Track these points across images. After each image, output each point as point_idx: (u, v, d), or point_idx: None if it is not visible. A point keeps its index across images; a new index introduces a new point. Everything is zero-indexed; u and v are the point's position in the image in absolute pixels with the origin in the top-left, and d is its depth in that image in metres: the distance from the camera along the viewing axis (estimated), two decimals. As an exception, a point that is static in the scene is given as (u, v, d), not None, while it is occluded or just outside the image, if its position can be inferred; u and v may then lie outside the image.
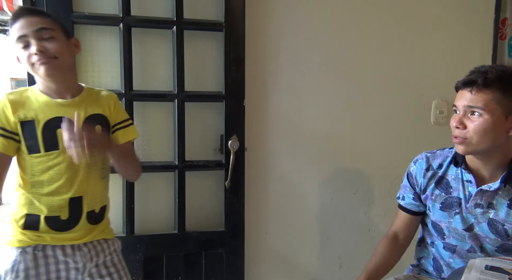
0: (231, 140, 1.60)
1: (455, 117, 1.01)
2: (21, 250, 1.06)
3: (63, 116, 1.04)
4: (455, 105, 1.02)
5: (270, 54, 1.69)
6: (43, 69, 1.02)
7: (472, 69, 1.01)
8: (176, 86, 1.55)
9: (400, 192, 1.23)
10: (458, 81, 1.01)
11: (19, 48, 1.02)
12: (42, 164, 1.05)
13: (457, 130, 1.00)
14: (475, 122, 0.97)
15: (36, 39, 1.01)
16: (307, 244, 1.82)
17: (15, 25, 1.01)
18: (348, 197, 1.82)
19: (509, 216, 1.03)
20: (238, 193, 1.64)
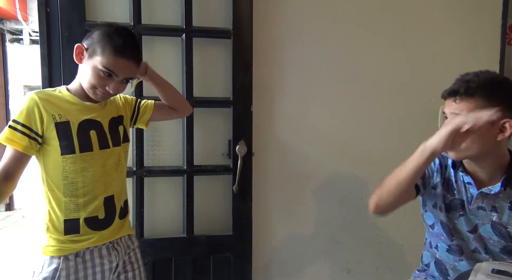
0: (239, 144, 1.62)
1: None
2: (63, 258, 1.08)
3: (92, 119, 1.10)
4: (444, 112, 1.05)
5: (277, 60, 1.72)
6: (100, 98, 1.11)
7: (457, 77, 1.02)
8: (185, 92, 1.58)
9: None
10: (444, 90, 1.04)
11: (100, 70, 1.04)
12: (76, 164, 1.07)
13: None
14: None
15: (120, 82, 1.08)
16: (315, 248, 1.82)
17: (116, 60, 1.03)
18: (355, 202, 1.83)
19: (511, 218, 1.03)
20: (246, 197, 1.65)
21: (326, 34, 1.73)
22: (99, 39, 1.05)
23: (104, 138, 1.13)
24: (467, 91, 0.97)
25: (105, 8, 1.52)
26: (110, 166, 1.14)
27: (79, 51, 1.08)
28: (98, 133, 1.11)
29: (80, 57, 1.08)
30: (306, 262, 1.82)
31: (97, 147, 1.10)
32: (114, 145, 1.15)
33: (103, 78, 1.05)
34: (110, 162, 1.14)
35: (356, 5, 1.74)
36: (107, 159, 1.13)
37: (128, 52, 1.06)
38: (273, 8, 1.68)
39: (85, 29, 1.47)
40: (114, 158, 1.15)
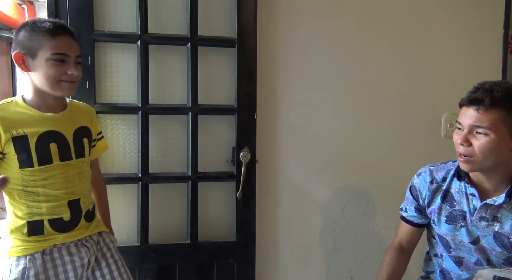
0: (243, 151, 1.64)
1: (460, 133, 1.02)
2: (30, 257, 1.08)
3: (53, 131, 1.10)
4: (459, 122, 1.03)
5: (281, 68, 1.74)
6: (68, 90, 1.10)
7: (475, 86, 1.01)
8: (190, 100, 1.60)
9: (403, 204, 1.25)
10: (463, 98, 1.02)
11: (51, 59, 1.04)
12: (35, 176, 1.07)
13: (461, 147, 1.01)
14: (481, 141, 0.97)
15: (75, 63, 1.09)
16: (318, 255, 1.82)
17: (57, 40, 1.05)
18: (359, 209, 1.83)
19: None
20: (249, 204, 1.67)
21: (330, 42, 1.76)
22: (29, 37, 1.05)
23: (66, 150, 1.12)
24: (493, 101, 0.95)
25: (113, 18, 1.56)
26: (73, 175, 1.14)
27: (19, 59, 1.06)
28: (59, 145, 1.10)
29: (24, 65, 1.07)
30: (309, 269, 1.82)
31: (58, 159, 1.10)
32: (78, 156, 1.16)
33: (59, 66, 1.06)
34: (72, 172, 1.14)
35: (360, 13, 1.76)
36: (69, 170, 1.13)
37: (62, 29, 1.07)
38: (277, 16, 1.71)
39: (93, 38, 1.51)
40: (77, 169, 1.16)
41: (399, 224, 1.26)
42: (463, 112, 1.02)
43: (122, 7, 1.56)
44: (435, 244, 1.20)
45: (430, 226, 1.20)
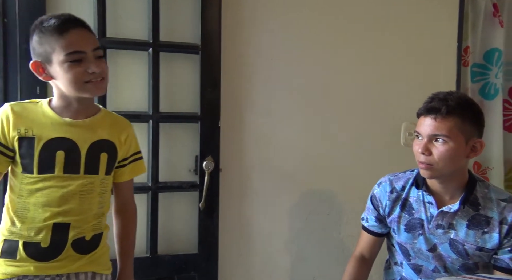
0: (206, 160, 1.60)
1: (419, 143, 1.05)
2: None
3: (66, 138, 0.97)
4: (418, 132, 1.06)
5: (246, 75, 1.72)
6: (96, 89, 0.97)
7: (430, 96, 1.06)
8: (151, 107, 1.55)
9: (364, 214, 1.27)
10: (420, 108, 1.06)
11: (66, 62, 0.91)
12: (31, 185, 0.96)
13: (422, 156, 1.04)
14: (440, 149, 1.01)
15: (94, 58, 0.95)
16: (282, 265, 1.81)
17: (66, 37, 0.91)
18: (322, 218, 1.84)
19: (468, 236, 1.07)
20: (213, 215, 1.62)
21: (294, 50, 1.76)
22: (39, 41, 0.93)
23: (74, 162, 0.99)
24: (448, 110, 0.99)
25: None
26: (73, 193, 0.99)
27: (38, 68, 0.96)
28: (67, 155, 0.98)
29: (45, 73, 0.96)
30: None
31: (61, 170, 0.97)
32: (88, 172, 1.01)
33: (77, 66, 0.92)
34: (73, 189, 0.98)
35: (324, 23, 1.78)
36: (70, 185, 0.98)
37: (69, 22, 0.93)
38: (242, 23, 1.69)
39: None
40: (82, 186, 1.00)
41: (361, 233, 1.27)
42: (421, 122, 1.05)
43: (78, 9, 1.48)
44: (395, 252, 1.22)
45: (390, 234, 1.22)
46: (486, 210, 1.06)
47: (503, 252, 1.05)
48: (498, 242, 1.05)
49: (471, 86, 1.99)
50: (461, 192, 1.08)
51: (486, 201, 1.07)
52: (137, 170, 1.16)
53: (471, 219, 1.07)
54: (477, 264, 1.09)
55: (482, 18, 1.96)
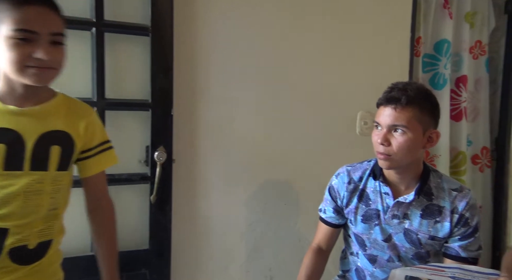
0: (158, 151, 1.50)
1: (379, 133, 1.04)
2: None
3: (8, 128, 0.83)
4: (377, 122, 1.05)
5: (201, 61, 1.64)
6: (38, 78, 0.84)
7: (390, 86, 1.05)
8: (96, 93, 1.42)
9: (322, 205, 1.26)
10: (380, 98, 1.05)
11: (11, 38, 0.79)
12: None
13: (381, 147, 1.03)
14: (399, 139, 1.01)
15: (47, 43, 0.82)
16: (237, 258, 1.77)
17: (23, 10, 0.79)
18: (279, 208, 1.82)
19: (422, 226, 1.09)
20: (165, 208, 1.54)
21: (253, 37, 1.70)
22: None
23: (17, 157, 0.86)
24: (408, 100, 0.99)
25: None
26: (14, 194, 0.86)
27: None
28: (9, 149, 0.85)
29: None
30: (229, 273, 1.76)
31: (1, 166, 0.84)
32: (34, 168, 0.88)
33: (23, 46, 0.80)
34: (15, 189, 0.86)
35: (283, 12, 1.73)
36: (12, 185, 0.86)
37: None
38: (197, 5, 1.59)
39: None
40: (27, 186, 0.87)
41: (318, 225, 1.26)
42: (381, 112, 1.04)
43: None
44: (351, 242, 1.22)
45: (347, 225, 1.22)
46: (439, 199, 1.09)
47: (453, 241, 1.09)
48: (449, 230, 1.07)
49: (422, 76, 2.04)
50: (416, 182, 1.09)
51: (439, 190, 1.09)
52: (107, 161, 1.06)
53: (424, 208, 1.09)
54: (429, 252, 1.12)
55: (433, 9, 2.00)
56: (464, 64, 2.08)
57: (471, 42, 2.09)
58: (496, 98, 2.18)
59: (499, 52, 2.16)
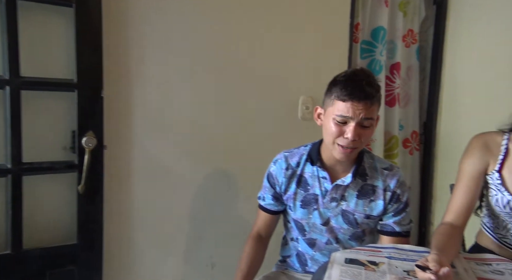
0: (86, 136, 1.37)
1: (349, 127, 1.00)
2: None
3: None
4: (345, 116, 0.99)
5: (135, 39, 1.51)
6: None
7: (356, 79, 1.00)
8: (8, 70, 1.24)
9: (261, 192, 1.23)
10: (352, 93, 0.98)
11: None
12: None
13: (352, 142, 1.01)
14: (367, 131, 1.02)
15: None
16: (178, 247, 1.70)
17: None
18: (221, 194, 1.77)
19: (358, 206, 1.11)
20: (95, 198, 1.42)
21: (193, 16, 1.59)
22: None
23: None
24: (376, 95, 1.01)
25: None
26: None
27: None
28: None
29: None
30: (168, 264, 1.69)
31: None
32: None
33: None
34: None
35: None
36: None
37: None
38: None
39: None
40: None
41: (258, 212, 1.24)
42: (351, 106, 0.98)
43: None
44: (291, 228, 1.21)
45: (286, 211, 1.21)
46: (373, 179, 1.12)
47: (388, 217, 1.13)
48: (383, 208, 1.11)
49: (360, 63, 2.09)
50: (351, 165, 1.10)
51: (372, 171, 1.12)
52: None
53: (360, 189, 1.11)
54: (364, 231, 1.16)
55: (371, -4, 2.04)
56: (398, 52, 2.16)
57: (404, 30, 2.17)
58: (424, 85, 2.31)
59: (428, 41, 2.28)
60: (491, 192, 1.05)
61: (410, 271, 0.89)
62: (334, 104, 1.01)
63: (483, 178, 1.06)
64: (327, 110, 1.05)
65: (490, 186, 1.05)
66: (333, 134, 1.02)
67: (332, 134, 1.02)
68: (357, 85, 0.99)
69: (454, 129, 2.16)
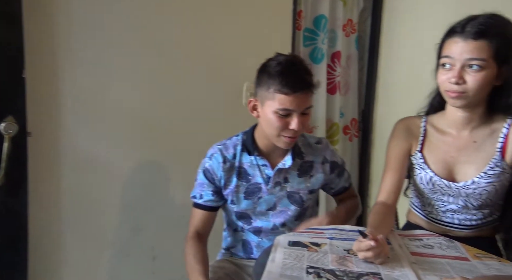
0: (5, 122, 1.23)
1: (297, 121, 1.00)
2: None
3: None
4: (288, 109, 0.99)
5: (63, 14, 1.38)
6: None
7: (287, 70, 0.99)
8: None
9: (196, 191, 1.16)
10: (291, 87, 0.97)
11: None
12: None
13: (298, 132, 1.03)
14: (308, 117, 1.05)
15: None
16: (115, 240, 1.61)
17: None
18: (162, 183, 1.70)
19: (300, 184, 1.14)
20: (18, 191, 1.28)
21: None
22: None
23: None
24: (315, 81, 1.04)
25: None
26: None
27: None
28: None
29: None
30: (105, 259, 1.59)
31: None
32: None
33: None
34: None
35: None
36: None
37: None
38: None
39: None
40: None
41: (193, 212, 1.17)
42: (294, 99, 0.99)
43: None
44: (235, 221, 1.19)
45: (227, 206, 1.17)
46: (309, 155, 1.15)
47: (336, 183, 1.21)
48: (323, 180, 1.16)
49: (303, 50, 2.11)
50: (288, 149, 1.11)
51: (306, 148, 1.16)
52: None
53: (300, 168, 1.14)
54: (307, 208, 1.17)
55: (313, -16, 2.06)
56: (338, 41, 2.22)
57: (344, 19, 2.23)
58: (363, 74, 2.41)
59: (366, 31, 2.37)
60: (415, 171, 1.12)
61: (350, 250, 0.91)
62: (275, 98, 0.99)
63: (408, 158, 1.13)
64: (265, 103, 1.02)
65: (414, 166, 1.12)
66: (278, 128, 1.02)
67: (277, 128, 1.02)
68: (297, 76, 0.99)
69: (389, 117, 2.28)
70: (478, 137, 1.04)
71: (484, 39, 0.92)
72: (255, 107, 1.08)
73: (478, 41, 0.92)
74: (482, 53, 0.92)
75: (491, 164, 1.01)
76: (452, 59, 0.95)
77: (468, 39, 0.93)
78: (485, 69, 0.93)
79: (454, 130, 1.07)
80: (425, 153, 1.10)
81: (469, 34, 0.93)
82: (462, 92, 0.95)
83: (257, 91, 1.05)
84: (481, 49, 0.92)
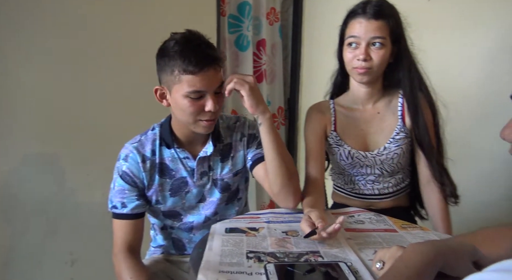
0: None
1: (211, 101, 0.92)
2: None
3: None
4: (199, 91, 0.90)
5: None
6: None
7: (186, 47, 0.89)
8: None
9: (115, 200, 1.01)
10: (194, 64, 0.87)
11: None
12: None
13: (215, 113, 0.95)
14: (222, 96, 0.97)
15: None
16: (27, 245, 1.42)
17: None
18: (81, 179, 1.54)
19: (224, 169, 1.08)
20: None
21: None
22: None
23: None
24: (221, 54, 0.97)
25: None
26: None
27: None
28: None
29: None
30: (14, 267, 1.39)
31: None
32: None
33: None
34: None
35: None
36: None
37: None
38: None
39: None
40: None
41: (116, 225, 1.01)
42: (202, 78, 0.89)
43: None
44: (162, 219, 1.10)
45: (153, 207, 1.07)
46: (227, 137, 1.10)
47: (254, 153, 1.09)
48: (243, 157, 1.10)
49: (228, 37, 2.07)
50: (208, 135, 1.05)
51: (225, 131, 1.10)
52: None
53: (221, 152, 1.08)
54: (238, 187, 1.13)
55: (236, -31, 2.02)
56: (263, 29, 2.21)
57: (267, 8, 2.23)
58: (287, 63, 2.44)
59: (288, 20, 2.40)
60: (334, 150, 1.17)
61: (288, 231, 0.91)
62: (182, 80, 0.89)
63: (324, 140, 1.18)
64: (173, 89, 0.92)
65: (332, 145, 1.17)
66: (192, 114, 0.93)
67: (192, 113, 0.93)
68: (199, 51, 0.89)
69: (313, 105, 2.35)
70: (380, 109, 1.16)
71: (382, 19, 1.04)
72: (163, 96, 0.97)
73: (379, 21, 1.03)
74: (382, 32, 1.04)
75: (397, 130, 1.13)
76: (358, 38, 1.05)
77: (371, 19, 1.03)
78: (385, 47, 1.05)
79: (360, 105, 1.17)
80: (338, 130, 1.17)
81: (370, 15, 1.03)
82: (369, 68, 1.05)
83: (161, 78, 0.95)
84: (382, 28, 1.04)
